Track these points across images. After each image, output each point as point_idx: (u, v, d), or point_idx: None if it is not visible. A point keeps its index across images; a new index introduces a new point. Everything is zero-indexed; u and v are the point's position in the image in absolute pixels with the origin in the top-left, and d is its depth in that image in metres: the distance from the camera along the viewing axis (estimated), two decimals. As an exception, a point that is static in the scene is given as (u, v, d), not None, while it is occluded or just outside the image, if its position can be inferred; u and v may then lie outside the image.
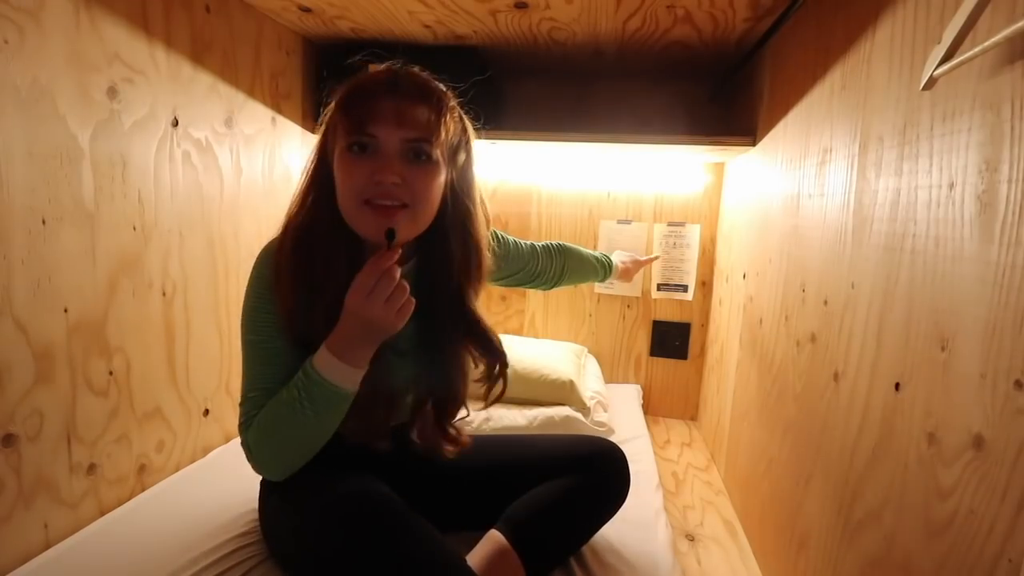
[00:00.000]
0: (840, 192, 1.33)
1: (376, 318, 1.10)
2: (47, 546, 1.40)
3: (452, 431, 1.41)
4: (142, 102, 1.59)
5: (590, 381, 2.53)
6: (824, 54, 1.48)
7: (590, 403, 2.30)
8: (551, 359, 2.43)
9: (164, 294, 1.71)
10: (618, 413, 2.45)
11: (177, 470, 1.79)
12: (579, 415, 2.19)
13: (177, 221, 1.74)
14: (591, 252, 1.99)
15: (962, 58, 0.84)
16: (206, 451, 1.92)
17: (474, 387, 1.40)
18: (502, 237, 1.66)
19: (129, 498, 1.62)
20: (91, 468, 1.51)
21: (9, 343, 1.30)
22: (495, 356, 1.39)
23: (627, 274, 2.17)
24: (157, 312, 1.69)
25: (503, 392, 1.42)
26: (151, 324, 1.67)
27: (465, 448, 1.42)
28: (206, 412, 1.92)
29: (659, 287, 2.83)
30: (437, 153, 1.19)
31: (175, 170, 1.72)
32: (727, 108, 2.65)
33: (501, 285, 1.75)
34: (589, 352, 2.91)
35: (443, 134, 1.18)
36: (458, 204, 1.30)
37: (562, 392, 2.28)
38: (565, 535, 1.40)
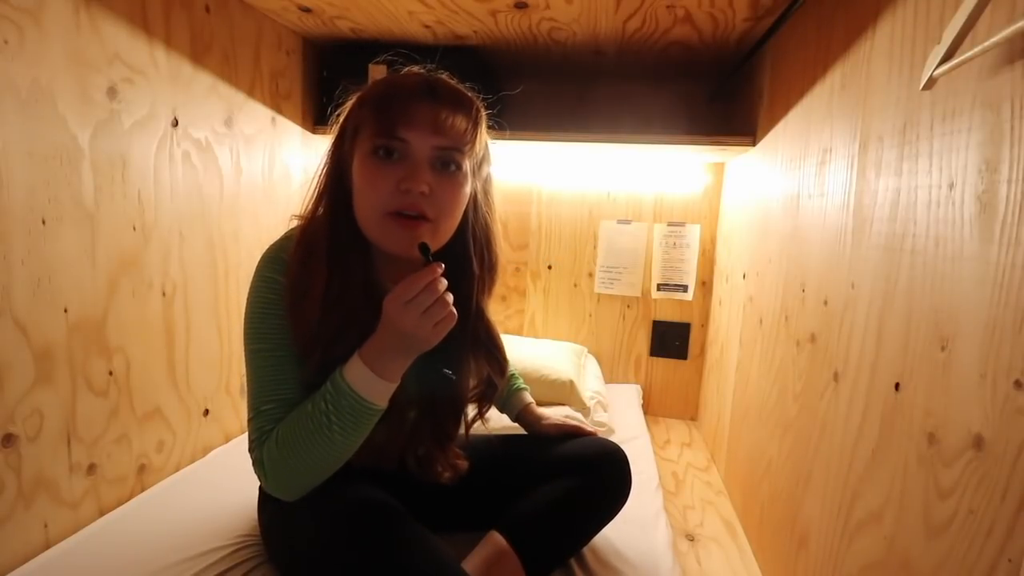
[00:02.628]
0: (840, 192, 1.33)
1: (412, 329, 1.06)
2: (47, 546, 1.40)
3: (450, 454, 1.37)
4: (142, 102, 1.59)
5: (590, 381, 2.53)
6: (824, 54, 1.48)
7: (590, 403, 2.30)
8: (551, 359, 2.43)
9: (164, 294, 1.71)
10: (618, 413, 2.45)
11: (177, 470, 1.79)
12: (579, 415, 2.18)
13: (177, 221, 1.74)
14: (517, 383, 1.72)
15: (962, 58, 0.84)
16: (206, 451, 1.92)
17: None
18: None
19: (129, 498, 1.62)
20: (91, 468, 1.51)
21: (9, 343, 1.30)
22: (499, 368, 1.38)
23: (550, 427, 1.61)
24: (157, 312, 1.69)
25: (490, 405, 1.43)
26: (151, 324, 1.67)
27: (462, 472, 1.37)
28: (206, 412, 1.92)
29: (659, 287, 2.83)
30: (467, 164, 1.16)
31: (175, 170, 1.72)
32: (727, 108, 2.65)
33: None
34: (589, 352, 2.92)
35: (476, 145, 1.16)
36: (480, 218, 1.28)
37: (562, 392, 2.28)
38: (565, 537, 1.39)
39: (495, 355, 1.38)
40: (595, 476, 1.42)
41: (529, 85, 2.78)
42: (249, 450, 1.17)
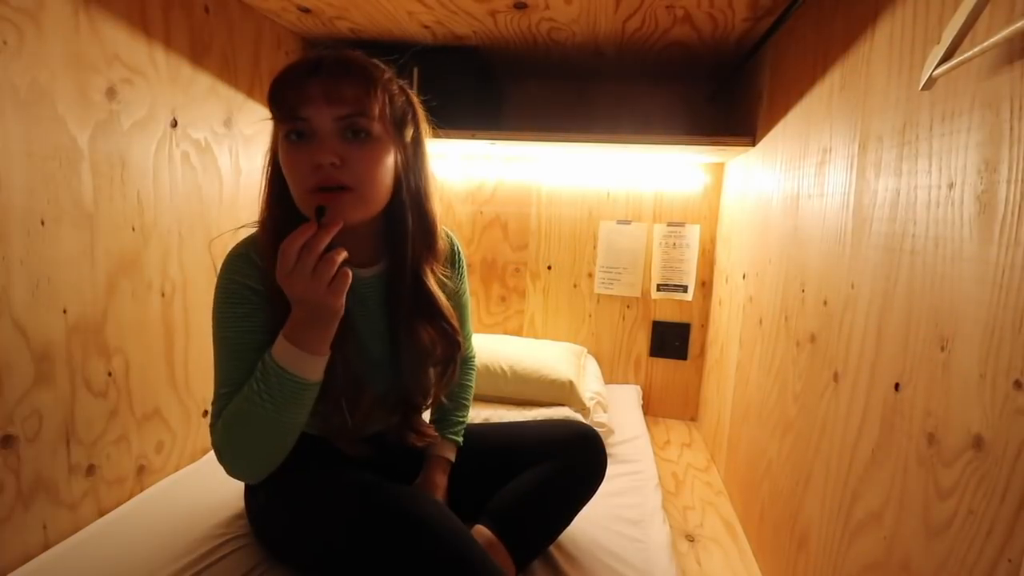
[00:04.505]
0: (839, 192, 1.33)
1: (305, 294, 1.06)
2: (46, 547, 1.40)
3: (418, 424, 1.41)
4: (141, 103, 1.59)
5: (590, 382, 2.53)
6: (824, 54, 1.49)
7: (590, 404, 2.30)
8: (551, 359, 2.43)
9: (163, 295, 1.71)
10: (618, 414, 2.45)
11: (176, 471, 1.79)
12: (579, 416, 2.19)
13: (176, 221, 1.74)
14: (462, 415, 1.61)
15: (961, 58, 0.84)
16: (205, 452, 1.92)
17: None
18: (458, 251, 1.57)
19: (128, 499, 1.62)
20: (90, 469, 1.51)
21: (8, 344, 1.30)
22: (451, 341, 1.38)
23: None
24: (156, 313, 1.69)
25: (454, 379, 1.44)
26: (150, 325, 1.67)
27: (432, 439, 1.43)
28: (205, 413, 1.91)
29: (659, 287, 2.83)
30: (377, 128, 1.15)
31: (174, 171, 1.72)
32: (726, 108, 2.65)
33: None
34: (589, 353, 2.92)
35: (377, 106, 1.14)
36: (411, 181, 1.27)
37: (562, 393, 2.28)
38: (545, 521, 1.43)
39: (439, 323, 1.36)
40: (568, 459, 1.47)
41: (529, 85, 2.79)
42: (210, 435, 1.19)
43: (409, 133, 1.25)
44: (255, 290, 1.18)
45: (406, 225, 1.27)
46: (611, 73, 2.61)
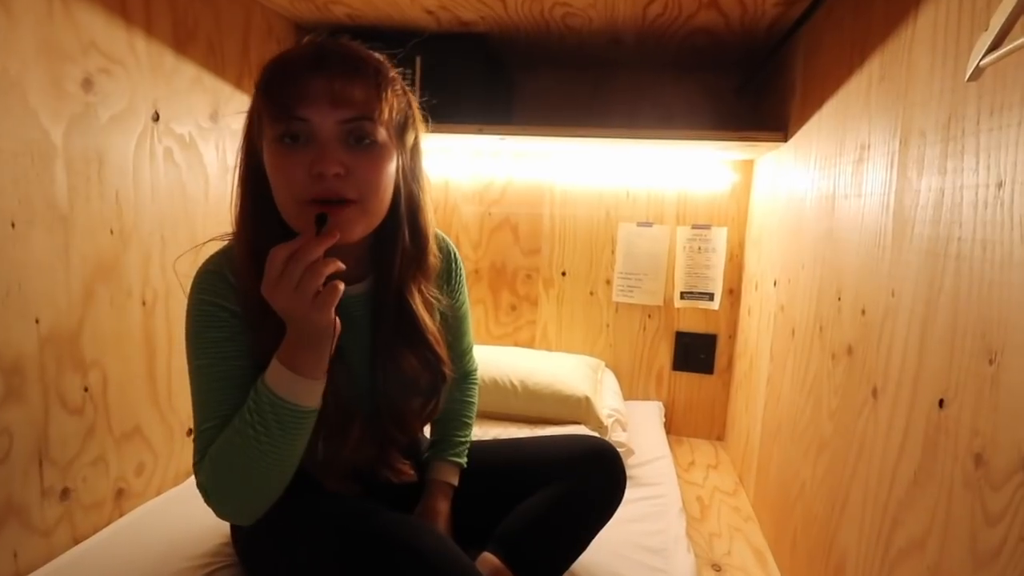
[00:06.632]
0: (879, 192, 1.34)
1: (290, 310, 1.03)
2: (17, 576, 1.41)
3: (393, 459, 1.36)
4: (120, 95, 1.60)
5: (607, 398, 2.53)
6: (862, 42, 1.49)
7: (607, 421, 2.30)
8: (565, 374, 2.43)
9: (144, 303, 1.71)
10: (638, 432, 2.44)
11: (158, 494, 1.80)
12: (596, 435, 2.18)
13: (158, 224, 1.75)
14: (465, 435, 1.61)
15: (1011, 46, 0.84)
16: (189, 474, 1.92)
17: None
18: (455, 258, 1.54)
19: (106, 525, 1.62)
20: (64, 493, 1.51)
21: (-23, 356, 1.30)
22: (435, 371, 1.34)
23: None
24: (137, 323, 1.70)
25: (435, 413, 1.40)
26: (130, 336, 1.68)
27: (408, 478, 1.36)
28: (190, 432, 1.92)
29: (682, 295, 2.83)
30: (383, 134, 1.12)
31: (156, 168, 1.73)
32: (756, 101, 2.66)
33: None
34: (606, 366, 2.91)
35: (386, 111, 1.12)
36: (408, 192, 1.25)
37: (577, 410, 2.29)
38: (558, 547, 1.42)
39: (422, 352, 1.33)
40: (584, 478, 1.45)
41: (541, 76, 2.80)
42: (194, 473, 1.17)
43: (410, 138, 1.23)
44: (233, 312, 1.16)
45: (399, 239, 1.25)
46: (631, 63, 2.62)
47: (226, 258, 1.19)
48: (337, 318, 1.08)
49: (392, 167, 1.16)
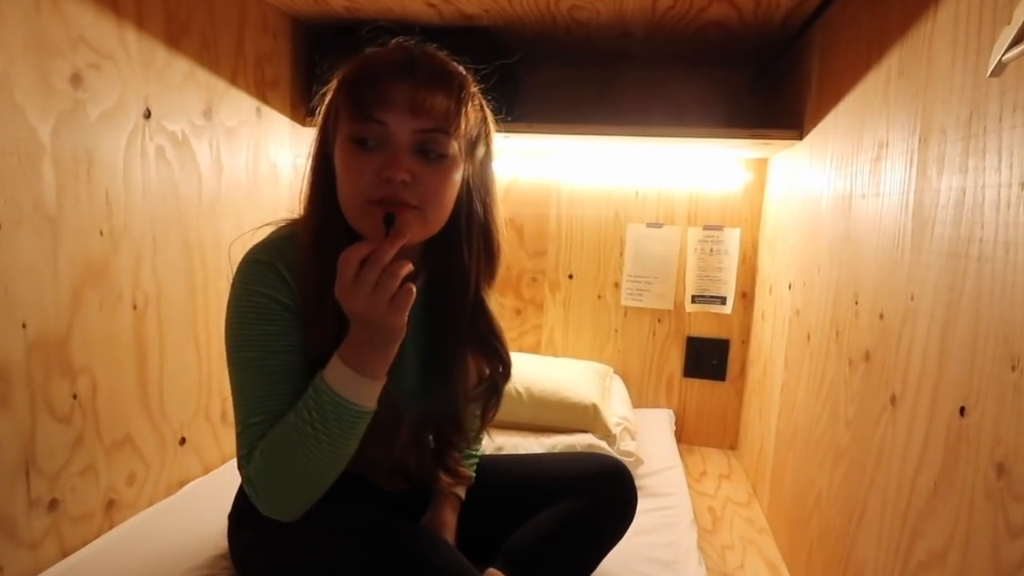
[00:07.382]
0: (897, 192, 1.33)
1: (366, 311, 1.06)
2: (3, 590, 1.41)
3: (451, 462, 1.42)
4: (110, 91, 1.60)
5: (616, 405, 2.53)
6: (879, 36, 1.49)
7: (616, 430, 2.30)
8: (572, 380, 2.43)
9: (135, 307, 1.71)
10: (648, 441, 2.45)
11: (150, 505, 1.80)
12: (603, 443, 2.19)
13: (150, 225, 1.75)
14: (475, 448, 1.60)
15: (1034, 40, 0.84)
16: (182, 484, 1.93)
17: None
18: None
19: (96, 537, 1.62)
20: (52, 504, 1.51)
21: (-38, 362, 1.30)
22: (501, 365, 1.39)
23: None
24: (127, 327, 1.70)
25: (496, 411, 1.43)
26: (120, 341, 1.68)
27: (466, 481, 1.44)
28: (182, 441, 1.92)
29: (694, 299, 2.82)
30: (454, 147, 1.16)
31: (147, 167, 1.73)
32: (770, 97, 2.66)
33: None
34: (615, 373, 2.91)
35: (463, 125, 1.16)
36: (475, 205, 1.28)
37: (584, 418, 2.28)
38: (567, 564, 1.42)
39: (497, 351, 1.38)
40: (595, 497, 1.46)
41: (547, 71, 2.80)
42: (238, 468, 1.19)
43: (480, 151, 1.27)
44: (286, 305, 1.18)
45: (462, 254, 1.28)
46: (640, 57, 2.62)
47: (276, 250, 1.21)
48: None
49: (457, 178, 1.20)
